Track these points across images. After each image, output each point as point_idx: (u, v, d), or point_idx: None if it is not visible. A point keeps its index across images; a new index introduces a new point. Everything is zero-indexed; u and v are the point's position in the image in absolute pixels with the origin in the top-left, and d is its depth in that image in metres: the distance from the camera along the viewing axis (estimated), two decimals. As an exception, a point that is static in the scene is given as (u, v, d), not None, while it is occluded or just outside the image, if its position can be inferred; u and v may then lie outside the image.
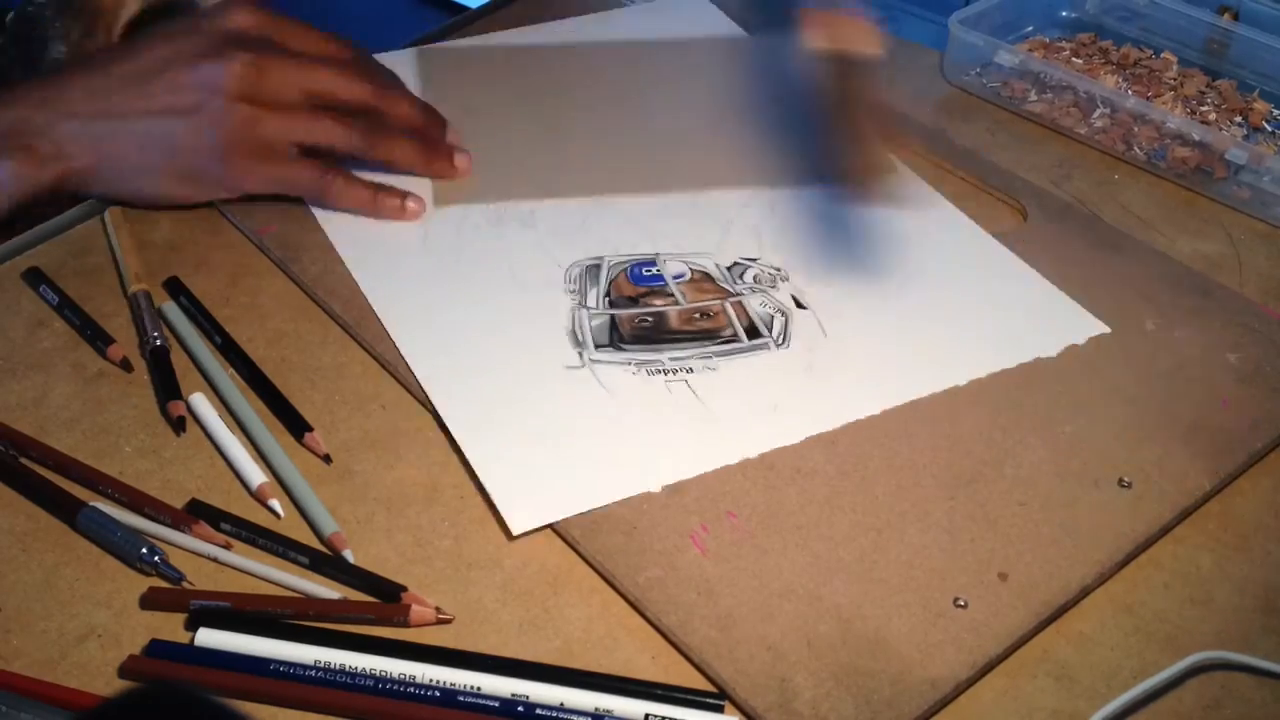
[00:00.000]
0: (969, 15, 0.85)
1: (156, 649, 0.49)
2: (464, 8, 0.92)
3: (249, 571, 0.52)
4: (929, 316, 0.65)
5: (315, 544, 0.54)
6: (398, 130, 0.71)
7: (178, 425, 0.58)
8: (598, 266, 0.68)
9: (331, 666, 0.48)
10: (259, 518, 0.54)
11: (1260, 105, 0.82)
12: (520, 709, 0.47)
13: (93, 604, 0.51)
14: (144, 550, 0.52)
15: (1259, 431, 0.60)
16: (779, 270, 0.68)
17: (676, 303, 0.65)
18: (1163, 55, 0.86)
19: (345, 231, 0.69)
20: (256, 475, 0.56)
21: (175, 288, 0.66)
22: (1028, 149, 0.79)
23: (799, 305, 0.65)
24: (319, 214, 0.70)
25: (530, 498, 0.55)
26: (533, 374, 0.61)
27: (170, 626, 0.50)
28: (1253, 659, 0.50)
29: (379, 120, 0.70)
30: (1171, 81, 0.83)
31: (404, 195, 0.70)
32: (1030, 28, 0.89)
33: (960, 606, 0.51)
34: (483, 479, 0.56)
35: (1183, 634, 0.52)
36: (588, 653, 0.50)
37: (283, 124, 0.67)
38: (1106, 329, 0.64)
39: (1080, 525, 0.55)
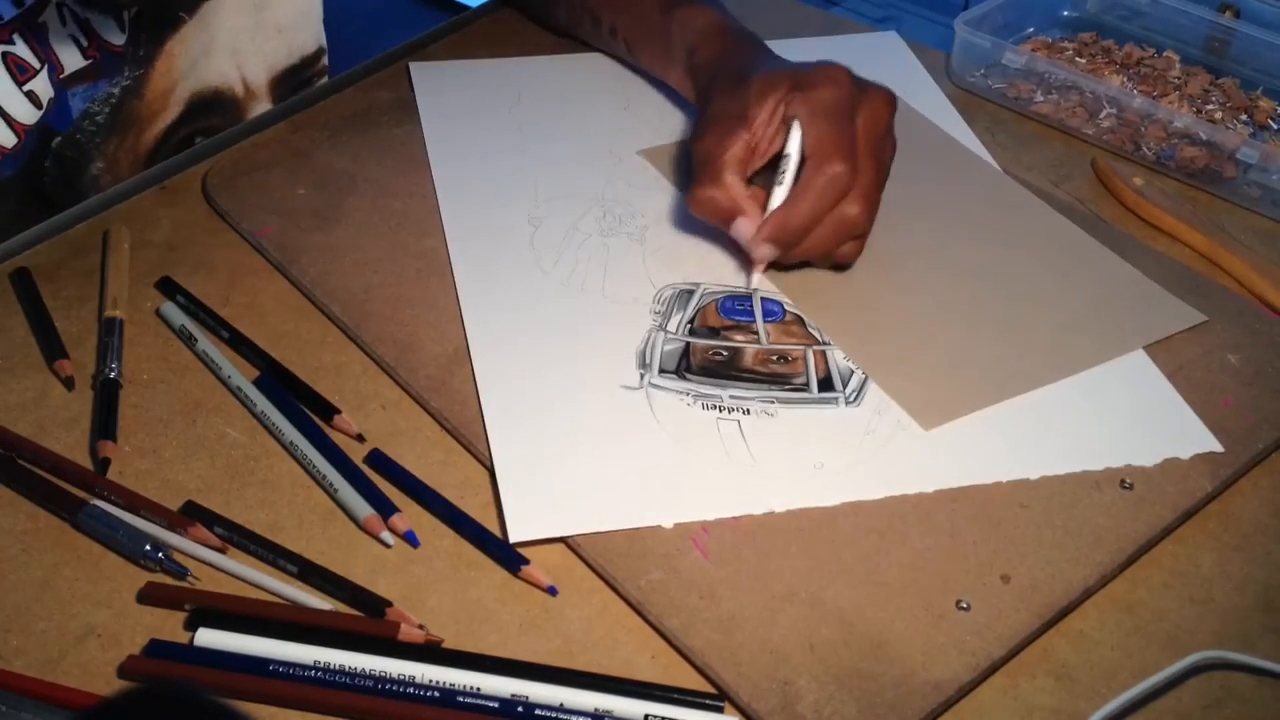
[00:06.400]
0: (973, 16, 0.85)
1: (156, 649, 0.49)
2: (464, 7, 0.91)
3: (241, 577, 0.52)
4: (1023, 402, 0.60)
5: (316, 546, 0.53)
6: None
7: (101, 466, 0.56)
8: (691, 292, 0.65)
9: (331, 667, 0.48)
10: (256, 521, 0.54)
11: (1265, 103, 0.81)
12: (520, 709, 0.47)
13: (92, 603, 0.51)
14: (147, 547, 0.52)
15: (1259, 432, 0.59)
16: None
17: (757, 341, 0.63)
18: (1165, 54, 0.86)
19: (460, 217, 0.70)
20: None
21: (171, 288, 0.65)
22: (1028, 149, 0.79)
23: None
24: (441, 192, 0.71)
25: (537, 509, 0.54)
26: (586, 388, 0.60)
27: (170, 626, 0.50)
28: (1253, 659, 0.50)
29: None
30: (1175, 80, 0.83)
31: None
32: (1031, 28, 0.89)
33: (963, 609, 0.51)
34: (499, 481, 0.55)
35: (1183, 634, 0.52)
36: (587, 653, 0.50)
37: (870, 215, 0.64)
38: (1220, 447, 0.58)
39: (1082, 527, 0.55)
